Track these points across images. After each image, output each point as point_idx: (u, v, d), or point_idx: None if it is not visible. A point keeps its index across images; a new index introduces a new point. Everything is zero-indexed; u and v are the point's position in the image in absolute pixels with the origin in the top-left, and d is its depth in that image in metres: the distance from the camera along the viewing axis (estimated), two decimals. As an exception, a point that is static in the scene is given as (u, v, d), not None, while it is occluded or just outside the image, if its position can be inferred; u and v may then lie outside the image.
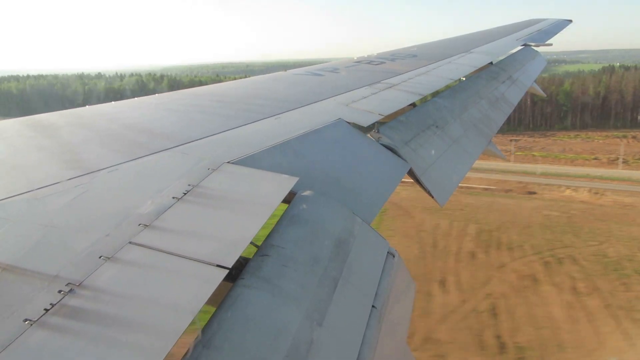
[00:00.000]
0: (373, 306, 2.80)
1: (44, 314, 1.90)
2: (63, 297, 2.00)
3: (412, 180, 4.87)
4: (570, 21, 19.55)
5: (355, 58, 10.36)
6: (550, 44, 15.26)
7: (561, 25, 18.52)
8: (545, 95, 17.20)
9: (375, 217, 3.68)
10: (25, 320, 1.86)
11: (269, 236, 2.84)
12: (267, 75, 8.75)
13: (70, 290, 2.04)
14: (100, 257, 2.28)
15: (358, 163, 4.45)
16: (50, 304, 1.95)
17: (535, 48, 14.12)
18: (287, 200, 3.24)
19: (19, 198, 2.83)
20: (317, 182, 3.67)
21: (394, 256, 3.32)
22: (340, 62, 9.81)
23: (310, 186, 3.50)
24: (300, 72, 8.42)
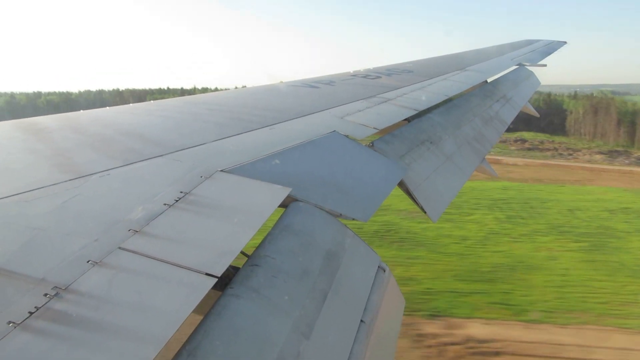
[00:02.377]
0: (362, 320, 2.78)
1: (28, 317, 1.87)
2: (48, 301, 1.97)
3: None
4: (565, 43, 19.83)
5: (351, 72, 10.43)
6: (544, 65, 15.43)
7: (555, 46, 18.78)
8: (538, 115, 17.01)
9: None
10: (9, 322, 1.83)
11: (259, 246, 2.83)
12: (263, 85, 8.78)
13: (56, 294, 2.01)
14: (88, 262, 2.25)
15: (351, 175, 4.46)
16: (35, 307, 1.93)
17: (529, 68, 14.30)
18: (280, 209, 3.23)
19: (8, 200, 2.81)
20: (310, 193, 3.67)
21: (384, 271, 3.31)
22: (336, 75, 9.86)
23: (303, 197, 3.49)
24: (296, 83, 8.45)
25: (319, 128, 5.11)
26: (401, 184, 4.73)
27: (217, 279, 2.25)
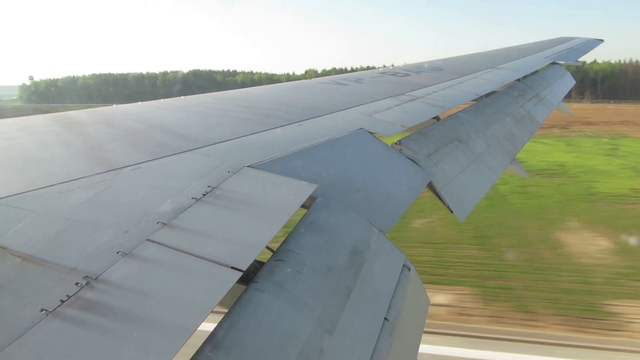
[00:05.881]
0: (386, 318, 2.77)
1: (59, 305, 1.93)
2: (79, 290, 2.03)
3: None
4: (602, 41, 19.22)
5: (380, 69, 10.36)
6: (581, 63, 15.02)
7: (592, 44, 18.24)
8: (572, 114, 16.60)
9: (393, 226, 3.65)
10: (42, 310, 1.90)
11: (285, 241, 2.85)
12: (291, 82, 8.82)
13: (87, 283, 2.07)
14: (117, 253, 2.31)
15: (378, 172, 4.43)
16: (67, 296, 1.98)
17: (564, 66, 13.93)
18: (306, 206, 3.24)
19: (43, 191, 2.90)
20: (336, 189, 3.66)
21: (409, 269, 3.29)
22: (364, 73, 9.82)
23: (329, 193, 3.49)
24: (324, 80, 8.45)
25: (347, 125, 5.10)
26: (428, 183, 4.67)
27: (242, 273, 2.27)
